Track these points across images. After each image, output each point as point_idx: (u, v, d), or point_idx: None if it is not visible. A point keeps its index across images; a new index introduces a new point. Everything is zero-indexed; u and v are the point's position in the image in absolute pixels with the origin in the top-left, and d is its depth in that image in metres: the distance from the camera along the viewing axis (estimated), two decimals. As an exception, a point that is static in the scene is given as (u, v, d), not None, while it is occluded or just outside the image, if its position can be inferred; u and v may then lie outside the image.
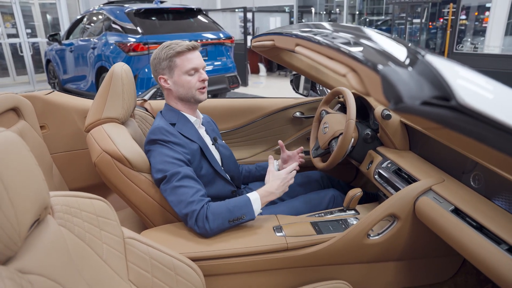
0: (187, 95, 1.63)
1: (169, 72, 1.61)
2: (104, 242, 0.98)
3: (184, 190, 1.43)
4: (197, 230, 1.40)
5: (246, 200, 1.46)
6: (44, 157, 1.79)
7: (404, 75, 0.58)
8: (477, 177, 1.31)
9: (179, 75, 1.60)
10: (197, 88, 1.62)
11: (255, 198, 1.47)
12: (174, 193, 1.43)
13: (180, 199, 1.42)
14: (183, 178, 1.45)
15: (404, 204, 1.37)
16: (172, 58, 1.59)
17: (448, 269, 1.56)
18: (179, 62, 1.59)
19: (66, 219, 0.89)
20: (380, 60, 0.63)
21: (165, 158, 1.48)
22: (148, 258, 1.07)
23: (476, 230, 1.12)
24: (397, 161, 1.65)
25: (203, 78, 1.62)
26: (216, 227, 1.39)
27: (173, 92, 1.64)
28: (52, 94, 1.96)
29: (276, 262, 1.38)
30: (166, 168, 1.46)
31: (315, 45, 0.94)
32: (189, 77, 1.60)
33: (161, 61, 1.61)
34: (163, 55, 1.60)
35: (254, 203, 1.46)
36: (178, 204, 1.42)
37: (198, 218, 1.39)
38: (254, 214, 1.45)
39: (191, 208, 1.39)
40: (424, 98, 0.54)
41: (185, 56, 1.59)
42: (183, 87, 1.61)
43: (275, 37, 1.40)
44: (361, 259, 1.45)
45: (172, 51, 1.58)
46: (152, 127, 1.57)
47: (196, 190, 1.45)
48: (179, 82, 1.61)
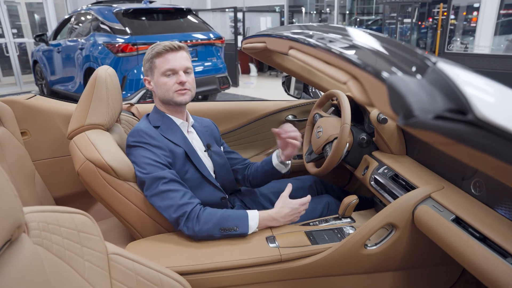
0: (165, 97, 1.58)
1: (151, 73, 1.59)
2: (86, 259, 0.91)
3: (172, 194, 1.39)
4: (185, 231, 1.37)
5: (243, 214, 1.43)
6: (26, 164, 1.71)
7: (414, 84, 0.52)
8: (478, 184, 1.26)
9: (157, 76, 1.57)
10: (174, 90, 1.56)
11: (254, 215, 1.44)
12: (161, 198, 1.39)
13: (169, 204, 1.38)
14: (168, 182, 1.41)
15: (402, 213, 1.32)
16: (152, 59, 1.56)
17: (447, 278, 1.51)
18: (158, 63, 1.56)
19: (43, 236, 0.82)
20: (385, 67, 0.57)
21: (145, 160, 1.44)
22: (134, 274, 1.01)
23: (479, 241, 1.07)
24: (393, 166, 1.59)
25: (180, 80, 1.55)
26: (206, 230, 1.36)
27: (155, 93, 1.61)
28: (34, 98, 1.88)
29: (269, 274, 1.32)
30: (148, 170, 1.42)
31: (310, 49, 0.87)
32: (165, 78, 1.55)
33: (145, 62, 1.60)
34: (147, 56, 1.58)
35: (252, 219, 1.42)
36: (167, 209, 1.38)
37: (188, 218, 1.36)
38: (247, 229, 1.40)
39: (182, 210, 1.37)
40: (438, 111, 0.48)
41: (163, 57, 1.55)
42: (160, 89, 1.58)
43: (267, 39, 1.34)
44: (357, 270, 1.39)
45: (153, 52, 1.56)
46: (132, 129, 1.53)
47: (183, 192, 1.42)
48: (158, 83, 1.57)
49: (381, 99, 0.56)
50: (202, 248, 1.35)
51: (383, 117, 1.65)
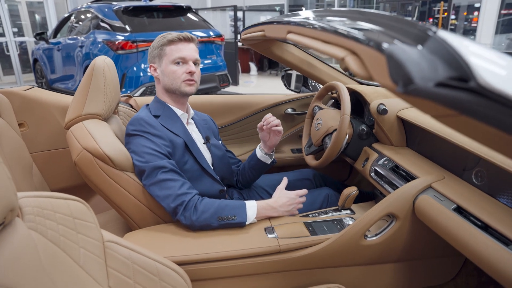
0: (171, 86, 1.57)
1: (159, 60, 1.58)
2: (81, 246, 0.89)
3: (170, 184, 1.38)
4: (183, 220, 1.36)
5: (241, 203, 1.42)
6: (23, 156, 1.69)
7: (414, 54, 0.50)
8: (479, 173, 1.24)
9: (166, 63, 1.56)
10: (182, 79, 1.56)
11: (251, 205, 1.43)
12: (160, 187, 1.38)
13: (168, 193, 1.37)
14: (167, 172, 1.40)
15: (402, 203, 1.30)
16: (162, 47, 1.56)
17: (449, 270, 1.50)
18: (168, 51, 1.55)
19: (38, 222, 0.80)
20: (384, 39, 0.56)
21: (145, 149, 1.42)
22: (130, 263, 0.99)
23: (481, 229, 1.05)
24: (394, 158, 1.58)
25: (190, 70, 1.55)
26: (203, 220, 1.35)
27: (161, 82, 1.60)
28: (31, 90, 1.86)
29: (268, 265, 1.30)
30: (146, 159, 1.41)
31: (308, 30, 0.86)
32: (175, 66, 1.55)
33: (153, 49, 1.59)
34: (156, 44, 1.58)
35: (249, 209, 1.41)
36: (165, 199, 1.38)
37: (186, 208, 1.35)
38: (246, 218, 1.39)
39: (180, 200, 1.36)
40: (439, 79, 0.47)
41: (175, 45, 1.55)
42: (168, 77, 1.57)
43: (265, 27, 1.32)
44: (357, 261, 1.37)
45: (164, 40, 1.55)
46: (131, 118, 1.52)
47: (182, 182, 1.41)
48: (165, 71, 1.56)
49: (380, 71, 0.54)
50: (200, 238, 1.34)
51: (383, 108, 1.64)
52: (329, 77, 2.17)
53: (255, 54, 10.83)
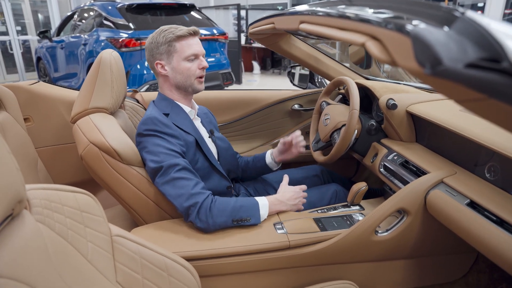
0: (185, 83, 1.53)
1: (168, 57, 1.51)
2: (89, 240, 0.88)
3: (184, 182, 1.34)
4: (198, 223, 1.31)
5: (254, 203, 1.40)
6: (28, 151, 1.68)
7: (441, 35, 0.48)
8: (492, 168, 1.22)
9: (178, 60, 1.50)
10: (196, 76, 1.53)
11: (264, 204, 1.41)
12: (173, 186, 1.34)
13: (181, 192, 1.32)
14: (181, 170, 1.36)
15: (414, 198, 1.28)
16: (171, 43, 1.49)
17: (460, 267, 1.48)
18: (178, 47, 1.49)
19: (46, 214, 0.79)
20: (408, 21, 0.54)
21: (159, 149, 1.38)
22: (138, 257, 0.98)
23: (496, 224, 1.03)
24: (403, 153, 1.55)
25: (203, 66, 1.53)
26: (219, 223, 1.31)
27: (170, 79, 1.54)
28: (37, 84, 1.85)
29: (277, 261, 1.28)
30: (161, 159, 1.36)
31: (323, 19, 0.84)
32: (188, 63, 1.51)
33: (159, 45, 1.50)
34: (162, 39, 1.49)
35: (262, 208, 1.40)
36: (178, 198, 1.33)
37: (200, 210, 1.30)
38: (260, 218, 1.37)
39: (193, 200, 1.31)
40: (469, 59, 0.45)
41: (185, 41, 1.50)
42: (181, 74, 1.52)
43: (275, 19, 1.30)
44: (368, 258, 1.35)
45: (172, 35, 1.48)
46: (144, 117, 1.46)
47: (196, 182, 1.36)
48: (178, 68, 1.51)
49: (404, 54, 0.52)
50: (208, 235, 1.32)
51: (393, 103, 1.61)
52: (337, 72, 2.15)
53: (258, 53, 10.82)
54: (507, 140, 1.14)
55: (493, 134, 1.20)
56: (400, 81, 2.17)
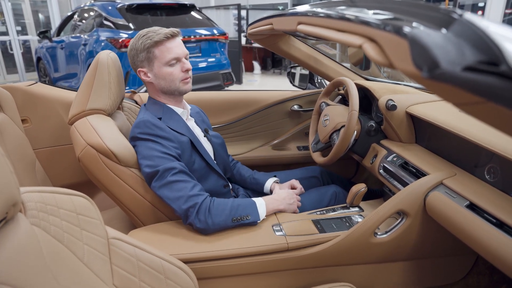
0: (170, 87, 1.50)
1: (148, 64, 1.48)
2: (85, 243, 0.87)
3: (181, 185, 1.33)
4: (197, 224, 1.29)
5: (251, 202, 1.41)
6: (26, 152, 1.67)
7: (438, 38, 0.47)
8: (492, 170, 1.21)
9: (159, 67, 1.47)
10: (180, 79, 1.50)
11: (261, 203, 1.42)
12: (170, 189, 1.32)
13: (179, 195, 1.31)
14: (178, 173, 1.34)
15: (413, 200, 1.27)
16: (150, 49, 1.44)
17: (459, 269, 1.47)
18: (158, 53, 1.45)
19: (41, 217, 0.78)
20: (405, 24, 0.53)
21: (154, 153, 1.36)
22: (135, 260, 0.97)
23: (496, 226, 1.02)
24: (403, 154, 1.54)
25: (186, 68, 1.49)
26: (218, 223, 1.30)
27: (155, 85, 1.51)
28: (35, 85, 1.84)
29: (275, 263, 1.28)
30: (156, 163, 1.35)
31: (320, 20, 0.83)
32: (170, 68, 1.47)
33: (138, 52, 1.46)
34: (140, 46, 1.45)
35: (260, 207, 1.40)
36: (176, 200, 1.31)
37: (199, 211, 1.29)
38: (258, 216, 1.37)
39: (192, 201, 1.30)
40: (467, 63, 0.44)
41: (164, 45, 1.45)
42: (164, 80, 1.49)
43: (273, 20, 1.29)
44: (367, 260, 1.34)
45: (149, 41, 1.43)
46: (136, 121, 1.45)
47: (193, 184, 1.35)
48: (160, 74, 1.48)
49: (401, 57, 0.51)
50: (206, 237, 1.31)
51: (392, 104, 1.60)
52: (336, 73, 2.14)
53: (258, 53, 10.81)
54: (507, 142, 1.13)
55: (492, 135, 1.19)
56: (399, 82, 2.16)
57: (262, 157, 2.30)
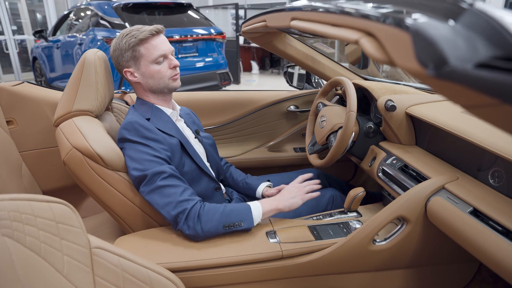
0: (159, 85, 1.45)
1: (135, 63, 1.42)
2: (65, 253, 0.81)
3: (171, 190, 1.26)
4: (186, 231, 1.23)
5: (245, 207, 1.32)
6: (12, 155, 1.61)
7: (446, 30, 0.41)
8: (496, 173, 1.15)
9: (146, 65, 1.42)
10: (168, 76, 1.45)
11: (256, 206, 1.33)
12: (159, 194, 1.26)
13: (168, 201, 1.25)
14: (167, 177, 1.28)
15: (414, 205, 1.21)
16: (135, 47, 1.39)
17: (462, 277, 1.41)
18: (144, 51, 1.40)
19: (15, 227, 0.72)
20: (408, 15, 0.47)
21: (143, 156, 1.30)
22: (120, 270, 0.91)
23: (502, 235, 0.96)
24: (403, 157, 1.49)
25: (174, 65, 1.44)
26: (208, 230, 1.23)
27: (143, 85, 1.46)
28: (21, 85, 1.78)
29: (269, 272, 1.22)
30: (144, 167, 1.29)
31: (314, 14, 0.77)
32: (157, 66, 1.42)
33: (123, 52, 1.41)
34: (125, 45, 1.40)
35: (255, 210, 1.31)
36: (165, 206, 1.25)
37: (188, 217, 1.23)
38: (252, 222, 1.29)
39: (181, 207, 1.24)
40: (480, 58, 0.38)
41: (149, 43, 1.39)
42: (153, 78, 1.44)
43: (267, 17, 1.24)
44: (365, 268, 1.29)
45: (134, 39, 1.38)
46: (124, 122, 1.38)
47: (184, 188, 1.29)
48: (148, 73, 1.43)
49: (403, 52, 0.45)
50: (196, 244, 1.25)
51: (392, 104, 1.55)
52: (334, 72, 2.08)
53: (256, 53, 10.77)
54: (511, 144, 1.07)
55: (496, 137, 1.13)
56: (399, 81, 2.10)
57: (258, 159, 2.24)
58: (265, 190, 1.66)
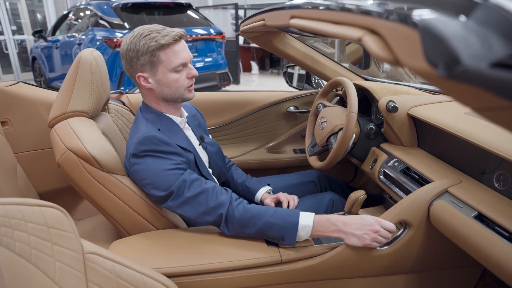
0: (174, 95, 1.35)
1: (151, 68, 1.30)
2: (57, 259, 0.79)
3: (201, 198, 1.24)
4: (227, 233, 1.26)
5: (292, 223, 1.20)
6: (6, 156, 1.58)
7: (457, 27, 0.38)
8: (501, 177, 1.12)
9: (164, 72, 1.30)
10: (185, 87, 1.35)
11: (306, 225, 1.19)
12: (190, 206, 1.25)
13: (202, 210, 1.24)
14: (192, 184, 1.25)
15: (416, 209, 1.19)
16: (154, 52, 1.26)
17: (466, 282, 1.38)
18: (164, 57, 1.27)
19: (3, 233, 0.70)
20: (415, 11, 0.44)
21: (165, 173, 1.25)
22: (114, 276, 0.89)
23: (508, 240, 0.94)
24: (405, 159, 1.46)
25: (192, 75, 1.35)
26: (247, 234, 1.25)
27: (156, 92, 1.35)
28: (16, 85, 1.75)
29: (268, 277, 1.19)
30: (168, 183, 1.24)
31: (314, 12, 0.74)
32: (176, 74, 1.31)
33: (140, 55, 1.27)
34: (143, 48, 1.26)
35: (302, 229, 1.19)
36: (201, 216, 1.25)
37: (227, 221, 1.24)
38: (295, 241, 1.20)
39: (217, 213, 1.24)
40: (496, 57, 0.35)
41: (171, 49, 1.27)
42: (169, 87, 1.33)
43: (265, 15, 1.21)
44: (367, 273, 1.26)
45: (155, 43, 1.25)
46: (140, 136, 1.29)
47: (211, 190, 1.26)
48: (165, 81, 1.31)
49: (410, 51, 0.42)
50: (193, 248, 1.22)
51: (393, 105, 1.52)
52: (334, 73, 2.06)
53: (256, 53, 10.76)
54: None
55: (502, 139, 1.10)
56: (400, 82, 2.07)
57: (257, 160, 2.22)
58: (264, 197, 1.64)
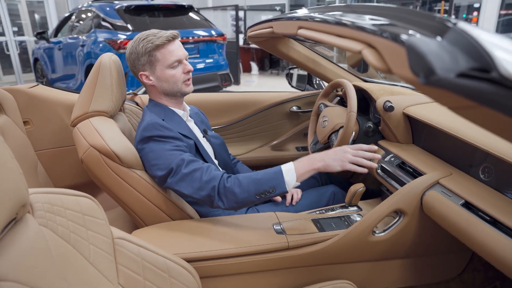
0: (172, 89, 1.53)
1: (150, 67, 1.50)
2: (91, 243, 0.89)
3: (195, 175, 1.34)
4: (222, 206, 1.33)
5: (276, 171, 1.32)
6: (28, 154, 1.69)
7: (434, 45, 0.50)
8: (487, 169, 1.24)
9: (161, 69, 1.49)
10: (182, 81, 1.53)
11: (289, 169, 1.31)
12: (186, 182, 1.35)
13: (196, 185, 1.34)
14: (189, 164, 1.36)
15: (410, 199, 1.30)
16: (151, 52, 1.47)
17: (455, 266, 1.50)
18: (160, 56, 1.48)
19: (48, 218, 0.80)
20: (403, 31, 0.56)
21: (166, 153, 1.38)
22: (140, 259, 0.99)
23: (490, 224, 1.05)
24: (400, 154, 1.58)
25: (187, 70, 1.53)
26: (242, 201, 1.31)
27: (157, 87, 1.54)
28: (37, 87, 1.86)
29: (276, 262, 1.30)
30: (169, 161, 1.37)
31: (321, 25, 0.86)
32: (173, 70, 1.50)
33: (139, 56, 1.48)
34: (141, 49, 1.47)
35: (287, 174, 1.30)
36: (196, 191, 1.34)
37: (220, 193, 1.32)
38: (285, 186, 1.29)
39: (209, 186, 1.32)
40: (460, 69, 0.47)
41: (165, 48, 1.47)
42: (167, 82, 1.52)
43: (274, 24, 1.32)
44: (365, 258, 1.37)
45: (151, 45, 1.46)
46: (144, 124, 1.46)
47: (206, 167, 1.37)
48: (163, 77, 1.51)
49: (399, 63, 0.54)
50: (209, 235, 1.34)
51: (390, 105, 1.63)
52: (335, 75, 2.17)
53: (256, 54, 10.83)
54: (500, 142, 1.16)
55: (487, 136, 1.22)
56: (396, 83, 2.19)
57: (261, 157, 2.33)
58: None
